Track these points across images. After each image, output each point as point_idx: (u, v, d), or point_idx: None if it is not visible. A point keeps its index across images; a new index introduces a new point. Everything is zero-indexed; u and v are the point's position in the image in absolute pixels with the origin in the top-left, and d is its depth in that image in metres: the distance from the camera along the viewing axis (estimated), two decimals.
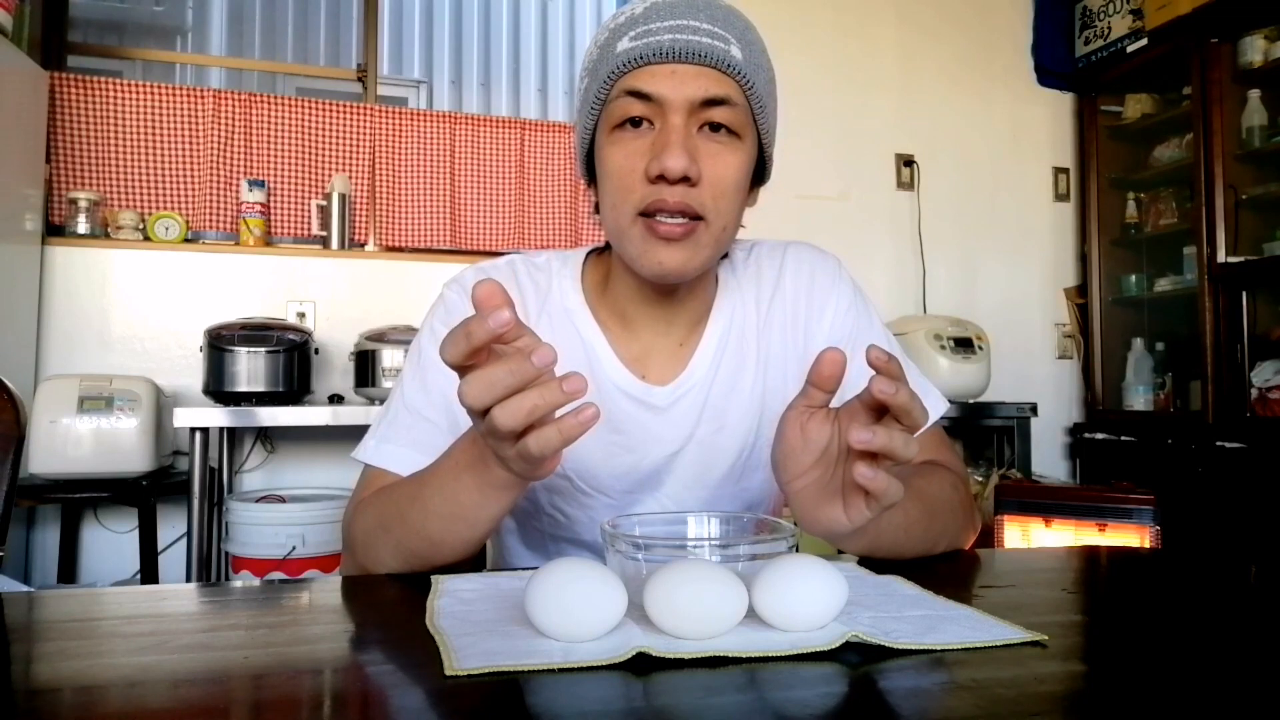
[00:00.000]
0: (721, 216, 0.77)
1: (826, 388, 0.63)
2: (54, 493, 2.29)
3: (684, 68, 0.74)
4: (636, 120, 0.76)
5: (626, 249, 0.79)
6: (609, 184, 0.78)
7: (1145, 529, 2.25)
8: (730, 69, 0.75)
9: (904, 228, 3.41)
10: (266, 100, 2.88)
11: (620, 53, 0.76)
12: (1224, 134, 2.96)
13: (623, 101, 0.76)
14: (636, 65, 0.75)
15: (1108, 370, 3.45)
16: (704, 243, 0.77)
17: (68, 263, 2.63)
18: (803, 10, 3.29)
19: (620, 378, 0.86)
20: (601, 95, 0.78)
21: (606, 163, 0.78)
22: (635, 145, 0.76)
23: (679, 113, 0.74)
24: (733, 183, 0.77)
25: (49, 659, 0.52)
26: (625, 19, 0.78)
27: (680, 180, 0.73)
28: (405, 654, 0.52)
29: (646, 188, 0.75)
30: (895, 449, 0.57)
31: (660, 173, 0.73)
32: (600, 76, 0.77)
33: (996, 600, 0.65)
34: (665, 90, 0.74)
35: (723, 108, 0.75)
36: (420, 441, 0.81)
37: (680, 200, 0.74)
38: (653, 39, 0.74)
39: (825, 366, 0.62)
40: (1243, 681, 0.48)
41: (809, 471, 0.64)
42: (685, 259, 0.77)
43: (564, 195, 3.15)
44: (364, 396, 2.55)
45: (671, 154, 0.73)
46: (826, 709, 0.44)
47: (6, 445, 0.90)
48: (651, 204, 0.75)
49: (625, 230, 0.77)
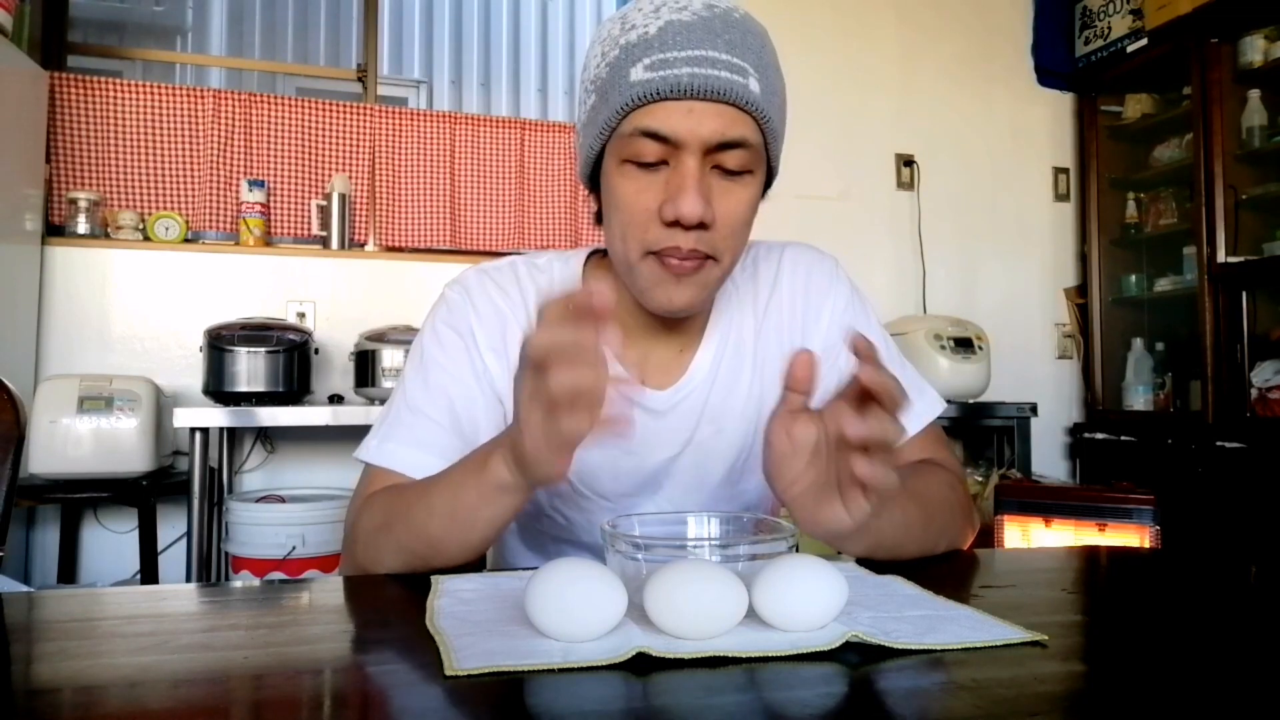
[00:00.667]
0: (731, 254, 0.77)
1: (802, 389, 0.64)
2: (54, 493, 2.29)
3: (701, 105, 0.71)
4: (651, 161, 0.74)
5: (635, 282, 0.79)
6: (618, 216, 0.77)
7: (1145, 529, 2.25)
8: (748, 105, 0.72)
9: (904, 228, 3.41)
10: (266, 100, 2.88)
11: (635, 84, 0.72)
12: (1224, 134, 2.96)
13: (637, 141, 0.73)
14: (651, 100, 0.72)
15: (1108, 370, 3.45)
16: (713, 279, 0.78)
17: (68, 263, 2.63)
18: (803, 10, 3.29)
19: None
20: (613, 123, 0.75)
21: (616, 195, 0.76)
22: (646, 182, 0.74)
23: (694, 155, 0.72)
24: (745, 219, 0.77)
25: (49, 659, 0.52)
26: (638, 38, 0.73)
27: (695, 226, 0.73)
28: (405, 654, 0.52)
29: (660, 230, 0.74)
30: (887, 434, 0.59)
31: (675, 218, 0.72)
32: (612, 104, 0.74)
33: (996, 600, 0.65)
34: (681, 132, 0.72)
35: (737, 151, 0.73)
36: (422, 440, 0.80)
37: (694, 246, 0.74)
38: (669, 72, 0.71)
39: (798, 369, 0.63)
40: (1243, 681, 0.48)
41: (803, 475, 0.65)
42: (694, 295, 0.77)
43: (564, 195, 3.15)
44: (364, 397, 2.55)
45: (687, 199, 0.71)
46: (826, 709, 0.44)
47: (6, 445, 0.90)
48: (665, 248, 0.74)
49: (634, 265, 0.77)
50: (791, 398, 0.64)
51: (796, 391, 0.64)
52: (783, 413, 0.65)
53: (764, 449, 0.67)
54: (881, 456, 0.60)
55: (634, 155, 0.74)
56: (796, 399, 0.64)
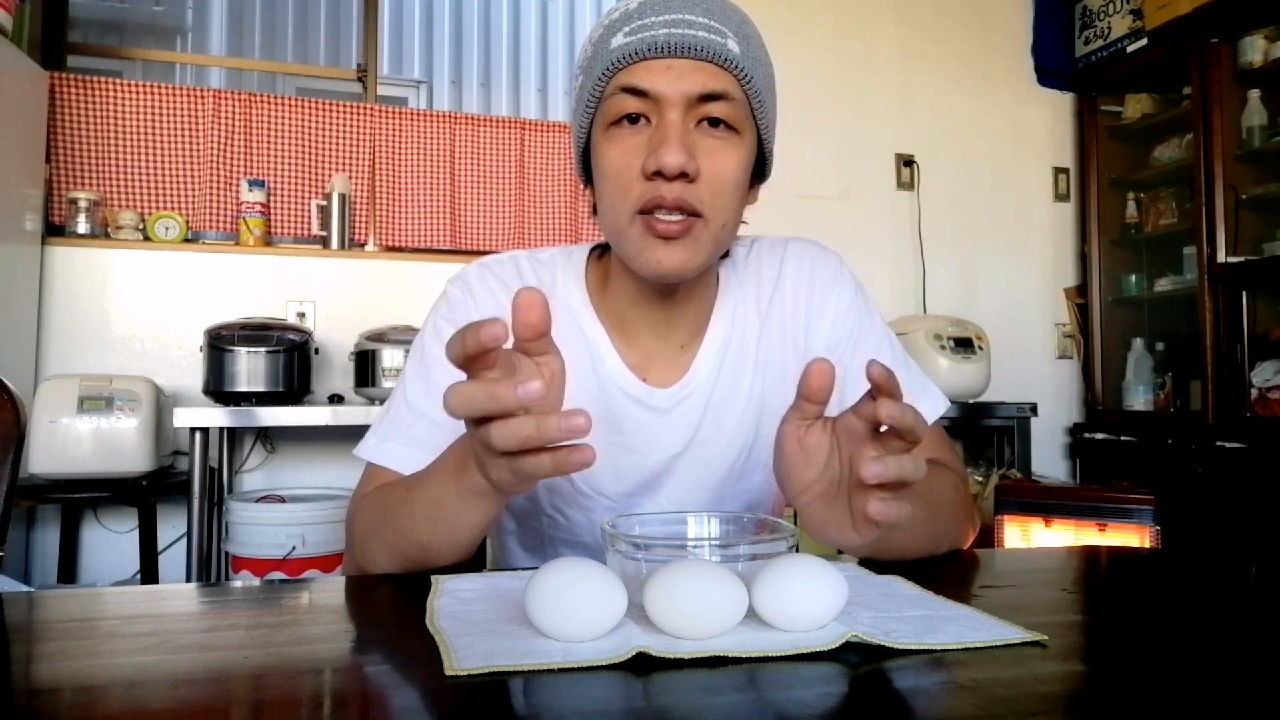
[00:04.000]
0: (720, 214, 0.76)
1: (817, 399, 0.62)
2: (54, 493, 2.29)
3: (680, 62, 0.73)
4: (634, 117, 0.74)
5: (625, 248, 0.78)
6: (606, 183, 0.77)
7: (1145, 529, 2.25)
8: (727, 63, 0.73)
9: (904, 228, 3.41)
10: (266, 100, 2.88)
11: (615, 49, 0.74)
12: (1224, 134, 2.96)
13: (618, 98, 0.74)
14: (632, 61, 0.73)
15: (1108, 370, 3.45)
16: (703, 241, 0.76)
17: (68, 263, 2.63)
18: (803, 11, 3.29)
19: (623, 378, 0.85)
20: (597, 92, 0.76)
21: (603, 161, 0.77)
22: (632, 142, 0.75)
23: (676, 108, 0.73)
24: (731, 179, 0.76)
25: (49, 659, 0.52)
26: (620, 14, 0.76)
27: (678, 176, 0.72)
28: (405, 654, 0.51)
29: (644, 185, 0.74)
30: (906, 474, 0.57)
31: (657, 169, 0.72)
32: (595, 73, 0.76)
33: (996, 600, 0.65)
34: (661, 86, 0.73)
35: (720, 102, 0.74)
36: (422, 439, 0.80)
37: (678, 196, 0.73)
38: (648, 34, 0.73)
39: (814, 379, 0.61)
40: (1243, 681, 0.48)
41: (813, 485, 0.64)
42: (684, 258, 0.76)
43: (564, 195, 3.15)
44: (364, 396, 2.55)
45: (668, 149, 0.71)
46: (826, 709, 0.44)
47: (6, 445, 0.90)
48: (649, 201, 0.73)
49: (623, 230, 0.76)
50: (805, 407, 0.63)
51: (812, 401, 0.62)
52: (795, 419, 0.64)
53: (775, 452, 0.66)
54: (897, 492, 0.58)
55: (618, 112, 0.75)
56: (810, 408, 0.63)
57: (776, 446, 0.66)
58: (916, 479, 0.57)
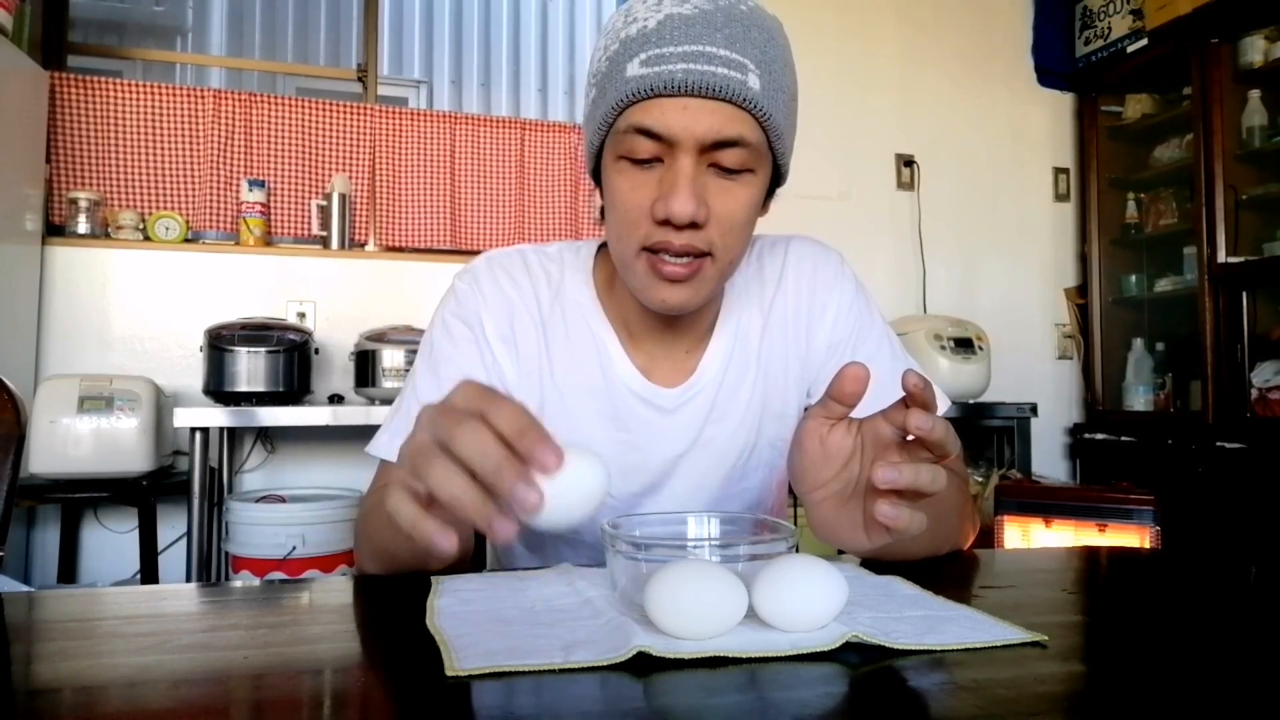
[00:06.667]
0: (729, 251, 0.75)
1: (848, 403, 0.61)
2: (54, 493, 2.29)
3: (696, 102, 0.69)
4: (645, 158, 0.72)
5: (630, 280, 0.78)
6: (614, 214, 0.76)
7: (1145, 529, 2.24)
8: (746, 102, 0.70)
9: (904, 228, 3.41)
10: (266, 100, 2.88)
11: (630, 79, 0.71)
12: (1224, 134, 2.96)
13: (631, 137, 0.72)
14: (646, 96, 0.70)
15: (1108, 370, 3.45)
16: (709, 278, 0.76)
17: (68, 263, 2.63)
18: (803, 10, 3.29)
19: (630, 377, 0.86)
20: (609, 120, 0.74)
21: (612, 192, 0.75)
22: (642, 179, 0.73)
23: (689, 154, 0.70)
24: (743, 219, 0.75)
25: (49, 659, 0.52)
26: (637, 32, 0.72)
27: (687, 225, 0.71)
28: (405, 654, 0.51)
29: (652, 227, 0.72)
30: (923, 484, 0.56)
31: (666, 217, 0.71)
32: (609, 99, 0.73)
33: (996, 600, 0.65)
34: (675, 129, 0.70)
35: (734, 150, 0.71)
36: None
37: (686, 243, 0.72)
38: (664, 68, 0.69)
39: (848, 384, 0.60)
40: (1243, 681, 0.48)
41: (829, 484, 0.64)
42: (689, 296, 0.76)
43: (564, 195, 3.15)
44: (364, 396, 2.55)
45: (679, 198, 0.70)
46: (826, 709, 0.44)
47: (7, 445, 0.90)
48: (657, 244, 0.73)
49: (630, 263, 0.76)
50: (833, 407, 0.62)
51: (841, 404, 0.61)
52: (819, 417, 0.63)
53: (792, 447, 0.66)
54: (913, 501, 0.58)
55: (628, 152, 0.72)
56: (838, 409, 0.62)
57: (795, 441, 0.65)
58: (934, 490, 0.56)
